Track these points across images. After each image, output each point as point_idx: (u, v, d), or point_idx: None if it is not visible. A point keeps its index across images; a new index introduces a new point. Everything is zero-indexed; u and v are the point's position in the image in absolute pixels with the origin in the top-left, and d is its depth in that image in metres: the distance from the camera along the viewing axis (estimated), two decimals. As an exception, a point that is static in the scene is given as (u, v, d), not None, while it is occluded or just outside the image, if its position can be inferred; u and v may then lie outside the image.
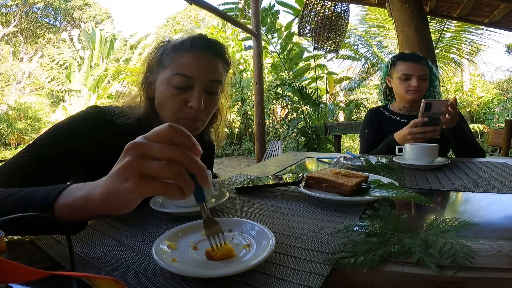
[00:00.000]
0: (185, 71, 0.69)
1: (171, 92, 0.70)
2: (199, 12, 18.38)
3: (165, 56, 0.72)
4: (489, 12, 3.31)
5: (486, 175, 0.86)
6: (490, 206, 0.62)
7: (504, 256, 0.38)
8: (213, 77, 0.72)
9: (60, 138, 0.64)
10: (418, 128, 1.16)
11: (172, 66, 0.70)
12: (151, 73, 0.76)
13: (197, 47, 0.71)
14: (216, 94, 0.76)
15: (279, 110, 7.91)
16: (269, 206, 0.63)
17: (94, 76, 8.48)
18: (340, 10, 2.70)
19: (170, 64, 0.71)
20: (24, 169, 0.58)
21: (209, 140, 0.95)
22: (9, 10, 14.30)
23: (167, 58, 0.72)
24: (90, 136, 0.67)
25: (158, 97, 0.73)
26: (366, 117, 1.55)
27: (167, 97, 0.71)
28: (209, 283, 0.34)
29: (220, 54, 0.76)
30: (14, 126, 8.82)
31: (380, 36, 7.01)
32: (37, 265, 0.40)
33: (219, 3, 4.70)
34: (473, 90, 8.56)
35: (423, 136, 1.15)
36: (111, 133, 0.69)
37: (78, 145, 0.65)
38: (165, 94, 0.71)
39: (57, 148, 0.62)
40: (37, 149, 0.61)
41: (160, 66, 0.73)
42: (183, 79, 0.69)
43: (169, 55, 0.72)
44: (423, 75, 1.37)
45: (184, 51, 0.71)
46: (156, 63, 0.74)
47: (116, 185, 0.35)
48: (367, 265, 0.37)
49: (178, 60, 0.71)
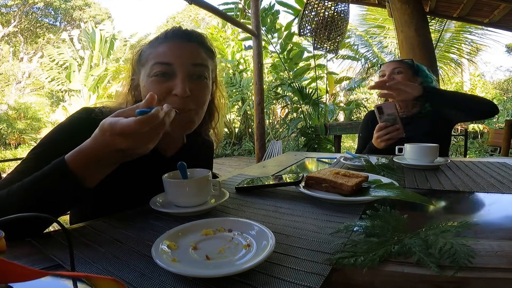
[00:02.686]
0: (162, 58, 0.66)
1: (152, 82, 0.66)
2: (199, 12, 18.38)
3: (143, 54, 0.71)
4: (489, 12, 3.31)
5: (486, 175, 0.86)
6: (490, 206, 0.62)
7: (504, 256, 0.38)
8: (195, 61, 0.68)
9: (51, 149, 0.62)
10: (383, 131, 1.24)
11: (150, 59, 0.68)
12: (135, 75, 0.74)
13: (173, 38, 0.69)
14: (204, 79, 0.71)
15: (279, 110, 7.91)
16: (269, 206, 0.63)
17: (94, 76, 8.48)
18: (340, 10, 2.70)
19: (148, 58, 0.69)
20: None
21: (208, 139, 0.94)
22: (9, 10, 14.30)
23: (144, 55, 0.70)
24: (79, 141, 0.65)
25: (143, 93, 0.70)
26: (363, 120, 1.60)
27: (150, 89, 0.66)
28: (209, 283, 0.34)
29: (199, 41, 0.72)
30: (14, 126, 8.82)
31: (380, 36, 7.02)
32: (37, 265, 0.40)
33: (219, 3, 4.70)
34: (473, 90, 8.56)
35: (390, 137, 1.23)
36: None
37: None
38: (148, 87, 0.67)
39: (48, 161, 0.61)
40: (32, 163, 0.59)
41: (140, 64, 0.72)
42: (162, 66, 0.66)
43: (146, 51, 0.70)
44: (395, 68, 1.37)
45: (159, 43, 0.69)
46: (137, 63, 0.73)
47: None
48: (367, 265, 0.37)
49: (154, 52, 0.68)
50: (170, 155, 0.79)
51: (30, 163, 0.60)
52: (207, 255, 0.39)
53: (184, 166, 0.62)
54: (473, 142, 7.03)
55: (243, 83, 7.19)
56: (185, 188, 0.58)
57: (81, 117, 0.68)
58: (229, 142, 7.79)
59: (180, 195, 0.59)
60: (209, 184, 0.61)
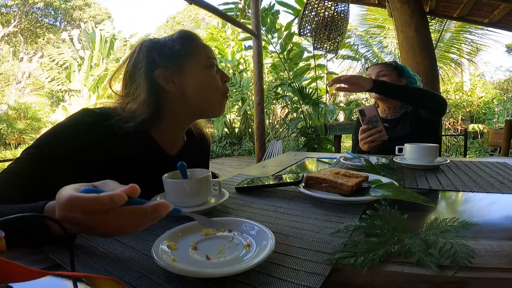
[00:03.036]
0: (211, 54, 0.78)
1: (210, 72, 0.77)
2: (199, 12, 18.38)
3: (181, 47, 0.74)
4: (489, 12, 3.31)
5: (486, 175, 0.86)
6: (490, 206, 0.62)
7: (504, 256, 0.38)
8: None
9: (47, 150, 0.61)
10: (365, 134, 1.28)
11: (199, 52, 0.76)
12: (165, 67, 0.73)
13: (198, 37, 0.79)
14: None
15: (279, 110, 7.91)
16: (269, 206, 0.63)
17: (94, 76, 8.47)
18: (340, 10, 2.70)
19: (194, 51, 0.75)
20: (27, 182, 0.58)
21: (201, 136, 0.93)
22: (9, 10, 14.29)
23: (184, 48, 0.74)
24: (77, 144, 0.64)
25: (198, 83, 0.75)
26: (355, 122, 1.65)
27: (211, 76, 0.77)
28: (209, 283, 0.34)
29: None
30: (14, 126, 8.82)
31: (380, 36, 7.02)
32: (37, 265, 0.40)
33: (219, 3, 4.70)
34: (473, 90, 8.55)
35: (373, 139, 1.26)
36: (103, 134, 0.66)
37: (62, 153, 0.62)
38: (206, 76, 0.76)
39: (41, 162, 0.60)
40: (24, 164, 0.59)
41: (180, 57, 0.74)
42: (213, 60, 0.77)
43: (184, 45, 0.74)
44: (380, 71, 1.41)
45: (193, 40, 0.77)
46: (170, 56, 0.73)
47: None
48: (367, 265, 0.37)
49: (199, 47, 0.76)
50: (174, 153, 0.81)
51: (22, 163, 0.59)
52: (207, 255, 0.39)
53: (184, 166, 0.62)
54: (473, 142, 7.03)
55: (243, 83, 7.19)
56: (185, 188, 0.58)
57: (85, 120, 0.66)
58: (229, 142, 7.79)
59: (180, 195, 0.59)
60: (209, 184, 0.61)
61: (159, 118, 0.74)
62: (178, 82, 0.74)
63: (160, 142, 0.77)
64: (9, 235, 0.35)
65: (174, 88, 0.74)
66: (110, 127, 0.67)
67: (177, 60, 0.74)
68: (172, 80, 0.74)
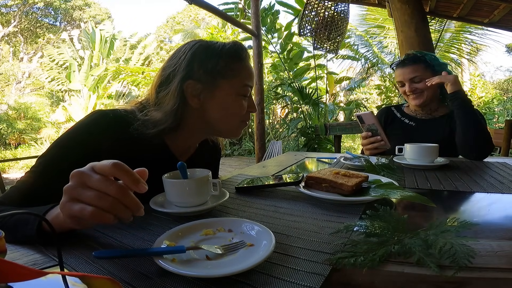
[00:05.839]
0: (250, 81, 0.75)
1: (240, 100, 0.74)
2: (199, 12, 18.37)
3: (224, 66, 0.70)
4: (489, 12, 3.31)
5: (486, 175, 0.86)
6: (490, 206, 0.62)
7: (504, 256, 0.38)
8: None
9: (61, 155, 0.62)
10: (366, 140, 1.26)
11: (239, 77, 0.73)
12: (198, 80, 0.70)
13: (247, 57, 0.76)
14: None
15: (279, 110, 7.91)
16: (269, 206, 0.63)
17: (94, 76, 8.47)
18: (340, 10, 2.70)
19: (234, 74, 0.72)
20: (33, 189, 0.59)
21: (214, 145, 0.93)
22: (9, 10, 14.28)
23: (226, 68, 0.71)
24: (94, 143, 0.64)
25: (224, 108, 0.73)
26: (377, 116, 1.56)
27: (240, 106, 0.74)
28: (209, 283, 0.34)
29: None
30: (14, 126, 8.81)
31: (380, 36, 7.01)
32: (37, 265, 0.40)
33: (219, 3, 4.70)
34: (473, 90, 8.56)
35: (372, 147, 1.25)
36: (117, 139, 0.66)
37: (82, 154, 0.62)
38: (235, 103, 0.73)
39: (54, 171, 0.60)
40: (36, 175, 0.60)
41: (217, 75, 0.70)
42: (249, 89, 0.76)
43: (228, 64, 0.71)
44: (414, 77, 1.31)
45: (240, 60, 0.73)
46: (209, 71, 0.70)
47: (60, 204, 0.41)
48: (367, 265, 0.37)
49: (242, 71, 0.73)
50: (185, 160, 0.80)
51: (34, 174, 0.60)
52: (207, 255, 0.39)
53: (184, 166, 0.62)
54: (473, 142, 7.01)
55: (243, 83, 7.19)
56: (185, 188, 0.58)
57: (99, 122, 0.67)
58: (229, 142, 7.79)
59: (180, 195, 0.59)
60: (209, 184, 0.61)
61: (177, 129, 0.72)
62: (204, 99, 0.71)
63: (172, 149, 0.76)
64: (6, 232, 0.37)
65: (198, 104, 0.71)
66: (126, 131, 0.67)
67: (212, 77, 0.70)
68: (198, 96, 0.71)
